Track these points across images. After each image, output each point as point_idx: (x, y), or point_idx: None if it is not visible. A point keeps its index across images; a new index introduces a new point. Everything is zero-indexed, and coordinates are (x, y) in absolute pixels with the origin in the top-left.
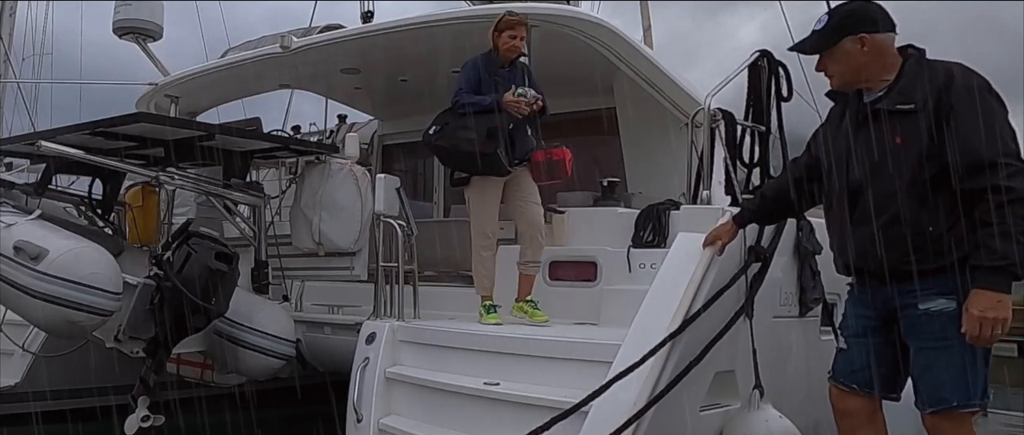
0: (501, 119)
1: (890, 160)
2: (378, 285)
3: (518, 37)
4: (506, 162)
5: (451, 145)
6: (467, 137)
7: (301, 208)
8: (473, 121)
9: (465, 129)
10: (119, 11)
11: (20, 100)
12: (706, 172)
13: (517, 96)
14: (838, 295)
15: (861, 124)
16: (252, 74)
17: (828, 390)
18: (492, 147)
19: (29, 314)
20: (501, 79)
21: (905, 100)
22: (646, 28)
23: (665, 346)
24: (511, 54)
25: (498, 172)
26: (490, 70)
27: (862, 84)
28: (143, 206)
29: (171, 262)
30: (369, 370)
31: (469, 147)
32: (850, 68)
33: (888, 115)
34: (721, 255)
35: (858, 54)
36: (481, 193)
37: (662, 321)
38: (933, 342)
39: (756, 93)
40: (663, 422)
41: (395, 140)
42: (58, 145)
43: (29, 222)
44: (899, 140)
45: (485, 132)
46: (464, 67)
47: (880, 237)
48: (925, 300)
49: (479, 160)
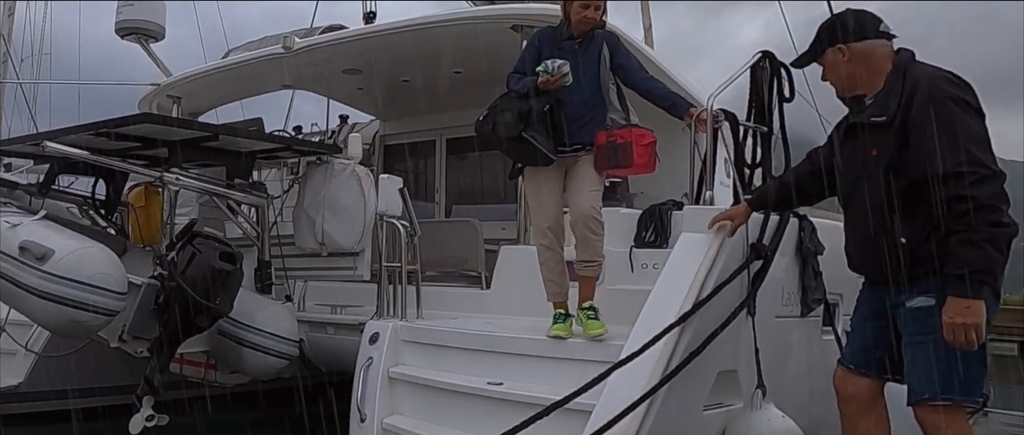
0: (536, 101)
1: (866, 173)
2: (381, 285)
3: (592, 6)
4: (548, 149)
5: (490, 131)
6: (504, 121)
7: (304, 208)
8: (511, 103)
9: (506, 111)
10: (121, 12)
11: (20, 100)
12: (708, 173)
13: (539, 73)
14: (840, 295)
15: (846, 136)
16: (254, 74)
17: (834, 376)
18: (517, 131)
19: (34, 314)
20: (564, 55)
21: (879, 112)
22: (647, 28)
23: (667, 339)
24: (583, 26)
25: (535, 161)
26: (554, 43)
27: (858, 91)
28: (146, 206)
29: (175, 262)
30: (372, 370)
31: (503, 132)
32: (840, 77)
33: (865, 128)
34: (732, 236)
35: (842, 64)
36: (533, 184)
37: (666, 319)
38: (917, 336)
39: (758, 94)
40: (666, 421)
41: (397, 140)
42: (63, 146)
43: (34, 222)
44: (874, 152)
45: (516, 115)
46: (527, 42)
47: (864, 246)
48: (910, 298)
49: (514, 147)
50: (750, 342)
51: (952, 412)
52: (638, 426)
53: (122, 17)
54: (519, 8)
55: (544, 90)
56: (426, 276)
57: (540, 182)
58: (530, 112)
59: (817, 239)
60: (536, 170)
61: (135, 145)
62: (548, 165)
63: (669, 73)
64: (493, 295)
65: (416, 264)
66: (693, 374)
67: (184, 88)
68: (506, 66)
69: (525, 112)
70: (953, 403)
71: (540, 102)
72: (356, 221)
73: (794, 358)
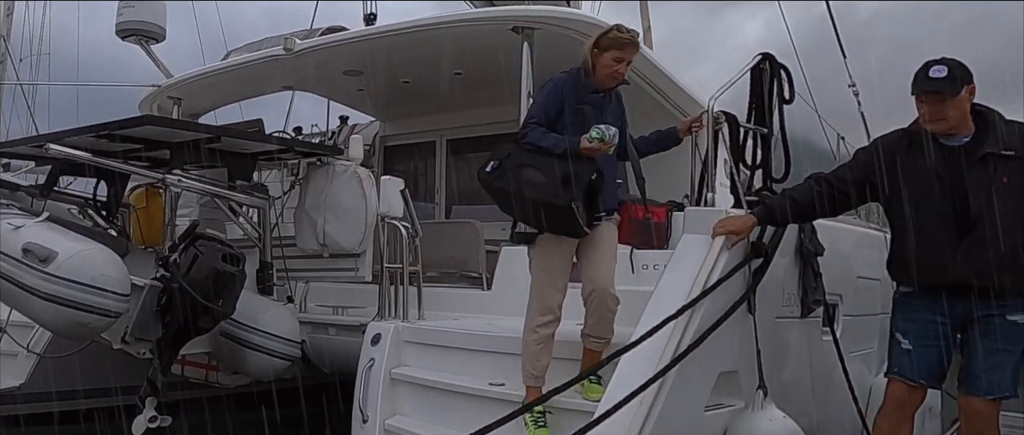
0: (581, 166)
1: (1001, 197)
2: (383, 286)
3: (625, 62)
4: (584, 220)
5: (515, 190)
6: (535, 180)
7: (306, 209)
8: (544, 162)
9: (533, 169)
10: (122, 13)
11: (19, 100)
12: (710, 174)
13: (593, 139)
14: (839, 296)
15: (973, 165)
16: (255, 76)
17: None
18: (567, 199)
19: (37, 316)
20: (591, 109)
21: (1006, 146)
22: (646, 29)
23: (671, 333)
24: (610, 82)
25: (573, 233)
26: (579, 95)
27: (962, 128)
28: (147, 208)
29: (178, 264)
30: (374, 371)
31: (538, 195)
32: (962, 113)
33: (995, 158)
34: (731, 248)
35: (966, 102)
36: (549, 256)
37: (669, 324)
38: (1009, 345)
39: (758, 96)
40: (668, 421)
41: (397, 141)
42: (66, 147)
43: (37, 224)
44: (1005, 180)
45: (560, 179)
46: (543, 88)
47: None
48: (1012, 313)
49: (549, 214)
50: (751, 343)
51: (999, 404)
52: (640, 425)
53: (123, 18)
54: (520, 10)
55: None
56: (426, 277)
57: (554, 252)
58: (575, 179)
59: (817, 240)
60: (556, 239)
61: (137, 147)
62: (580, 238)
63: (669, 74)
64: (494, 296)
65: (417, 265)
66: (695, 374)
67: (185, 89)
68: (507, 68)
69: (567, 178)
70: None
71: (586, 169)
72: (357, 222)
73: (794, 359)
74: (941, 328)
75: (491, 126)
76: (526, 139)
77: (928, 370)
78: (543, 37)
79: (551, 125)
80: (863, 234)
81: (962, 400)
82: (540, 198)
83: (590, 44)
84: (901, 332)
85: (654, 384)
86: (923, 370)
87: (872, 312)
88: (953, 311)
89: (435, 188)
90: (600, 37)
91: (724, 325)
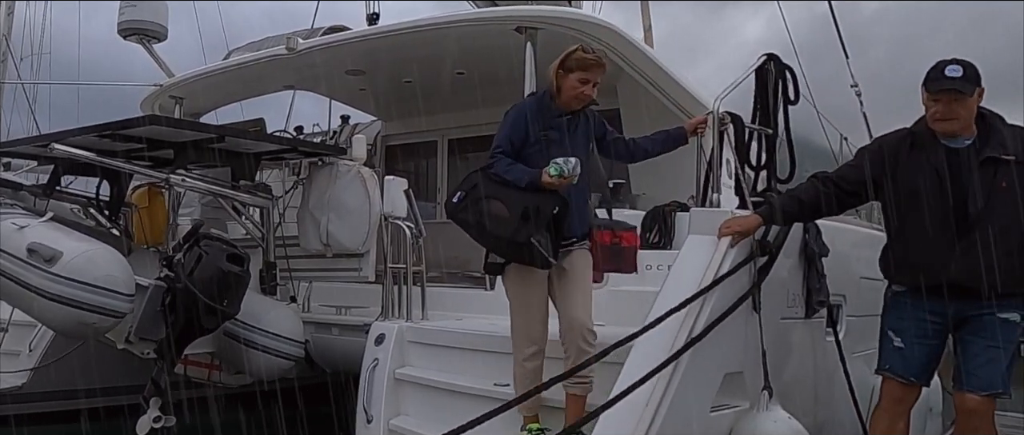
0: (543, 199)
1: (1000, 201)
2: (386, 286)
3: (591, 83)
4: (549, 252)
5: (476, 222)
6: (498, 214)
7: (309, 209)
8: (508, 195)
9: (497, 202)
10: (124, 12)
11: (20, 100)
12: (715, 175)
13: (552, 173)
14: (843, 296)
15: (975, 167)
16: (257, 75)
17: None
18: (525, 235)
19: (42, 315)
20: (557, 134)
21: (1006, 151)
22: (646, 29)
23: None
24: (576, 104)
25: (532, 262)
26: (544, 120)
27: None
28: (149, 207)
29: (182, 263)
30: (379, 371)
31: (499, 230)
32: (971, 114)
33: (997, 163)
34: (733, 247)
35: (975, 103)
36: (521, 284)
37: (676, 322)
38: (1002, 342)
39: (763, 96)
40: (674, 421)
41: (398, 141)
42: (71, 147)
43: (42, 224)
44: (1003, 184)
45: (519, 213)
46: (506, 116)
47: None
48: (1003, 311)
49: (510, 249)
50: (756, 344)
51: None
52: (648, 426)
53: (125, 18)
54: (524, 10)
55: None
56: (429, 277)
57: (528, 282)
58: (537, 213)
59: (822, 241)
60: (524, 268)
61: (140, 146)
62: (546, 268)
63: (670, 72)
64: (497, 296)
65: (421, 265)
66: (701, 375)
67: (187, 89)
68: (509, 68)
69: (530, 212)
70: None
71: (548, 203)
72: (361, 222)
73: (798, 360)
74: (933, 327)
75: (492, 126)
76: (492, 170)
77: (918, 368)
78: (546, 37)
79: (517, 153)
80: (866, 234)
81: (957, 397)
82: (499, 233)
83: (555, 65)
84: (893, 330)
85: (661, 384)
86: (914, 368)
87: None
88: (946, 311)
89: (436, 188)
90: (564, 58)
91: (729, 325)
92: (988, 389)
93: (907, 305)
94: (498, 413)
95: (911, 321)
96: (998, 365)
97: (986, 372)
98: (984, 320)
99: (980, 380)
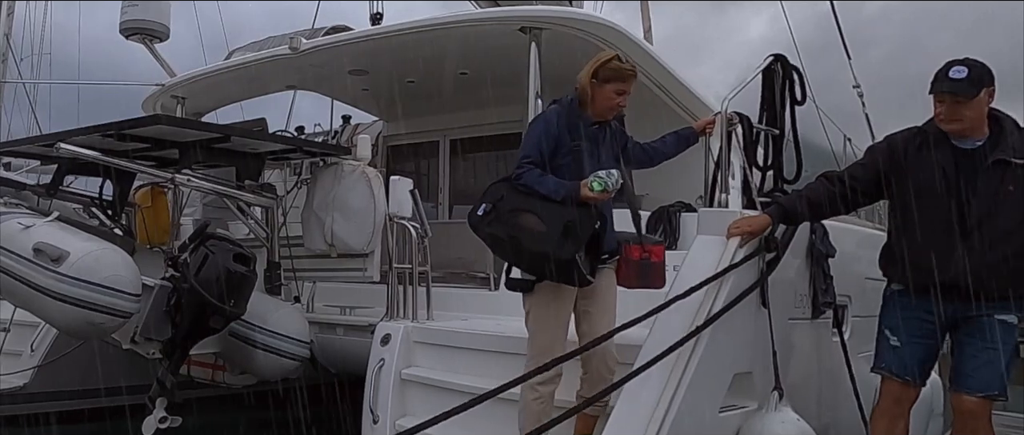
0: (584, 215)
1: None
2: (391, 286)
3: (626, 93)
4: (587, 269)
5: (510, 237)
6: (533, 228)
7: (314, 209)
8: (543, 208)
9: (531, 216)
10: (126, 12)
11: (20, 100)
12: (723, 175)
13: (595, 188)
14: (849, 297)
15: (982, 170)
16: (260, 75)
17: (883, 384)
18: (570, 252)
19: (49, 315)
20: (588, 143)
21: (1015, 154)
22: (646, 29)
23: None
24: (608, 115)
25: (566, 280)
26: (574, 129)
27: (977, 132)
28: (152, 207)
29: (188, 263)
30: (385, 371)
31: (537, 246)
32: (979, 116)
33: (1005, 165)
34: (742, 247)
35: (985, 104)
36: (548, 305)
37: (686, 318)
38: (999, 343)
39: (770, 97)
40: (685, 422)
41: (400, 141)
42: (77, 146)
43: (48, 224)
44: (1010, 187)
45: (561, 228)
46: (534, 123)
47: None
48: (1001, 312)
49: (550, 266)
50: (764, 344)
51: (991, 402)
52: (658, 427)
53: (127, 17)
54: (528, 10)
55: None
56: (433, 277)
57: (554, 301)
58: (579, 229)
59: (829, 241)
60: (555, 288)
61: (145, 146)
62: (583, 286)
63: (675, 73)
64: (502, 296)
65: (427, 266)
66: (711, 375)
67: (189, 88)
68: (513, 68)
69: (569, 228)
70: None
71: (590, 218)
72: (366, 222)
73: (805, 361)
74: (930, 326)
75: (494, 126)
76: (521, 181)
77: (915, 367)
78: (550, 37)
79: (545, 165)
80: (870, 235)
81: (954, 399)
82: (540, 250)
83: (587, 74)
84: (890, 329)
85: (672, 385)
86: (910, 367)
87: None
88: (944, 310)
89: (438, 188)
90: (598, 67)
91: (739, 325)
92: (985, 391)
93: (906, 304)
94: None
95: (908, 320)
96: (995, 367)
97: (983, 374)
98: (981, 321)
99: (977, 382)
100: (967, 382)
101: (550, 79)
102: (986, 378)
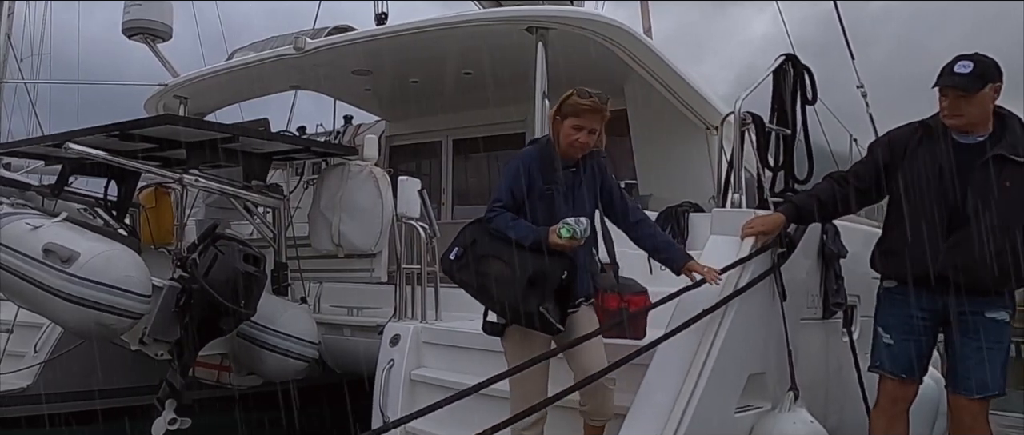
0: (552, 263)
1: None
2: (400, 287)
3: (586, 130)
4: (555, 320)
5: (478, 285)
6: (500, 275)
7: (321, 210)
8: (511, 254)
9: (499, 262)
10: (129, 11)
11: (21, 100)
12: (736, 175)
13: (563, 235)
14: (858, 297)
15: (979, 164)
16: (263, 75)
17: (881, 383)
18: (534, 304)
19: (59, 316)
20: (561, 190)
21: (1015, 152)
22: (646, 29)
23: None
24: (575, 153)
25: (535, 328)
26: (547, 172)
27: (980, 127)
28: (156, 207)
29: (197, 264)
30: (394, 372)
31: (502, 295)
32: (983, 111)
33: (1003, 162)
34: (756, 246)
35: (989, 100)
36: (521, 348)
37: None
38: (991, 343)
39: (781, 97)
40: (701, 423)
41: (402, 141)
42: (85, 146)
43: (57, 225)
44: (1007, 184)
45: (527, 278)
46: (508, 166)
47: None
48: (992, 310)
49: (515, 315)
50: (778, 344)
51: (988, 402)
52: (676, 427)
53: (129, 17)
54: (535, 10)
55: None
56: (440, 277)
57: (528, 348)
58: (545, 279)
59: (840, 242)
60: (527, 332)
61: (151, 146)
62: (551, 334)
63: (680, 72)
64: None
65: (435, 266)
66: (726, 376)
67: (191, 88)
68: (517, 68)
69: (535, 278)
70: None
71: (557, 268)
72: (373, 223)
73: (815, 361)
74: (921, 323)
75: (497, 126)
76: (492, 224)
77: (908, 364)
78: (557, 37)
79: (519, 207)
80: (876, 234)
81: (951, 399)
82: (504, 299)
83: (552, 111)
84: (883, 326)
85: (688, 386)
86: (903, 364)
87: None
88: (933, 306)
89: (440, 188)
90: (560, 103)
91: (753, 326)
92: (981, 391)
93: (898, 301)
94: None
95: (900, 317)
96: (990, 366)
97: (979, 374)
98: (973, 321)
99: (973, 382)
100: (965, 384)
101: (552, 79)
102: (982, 379)
